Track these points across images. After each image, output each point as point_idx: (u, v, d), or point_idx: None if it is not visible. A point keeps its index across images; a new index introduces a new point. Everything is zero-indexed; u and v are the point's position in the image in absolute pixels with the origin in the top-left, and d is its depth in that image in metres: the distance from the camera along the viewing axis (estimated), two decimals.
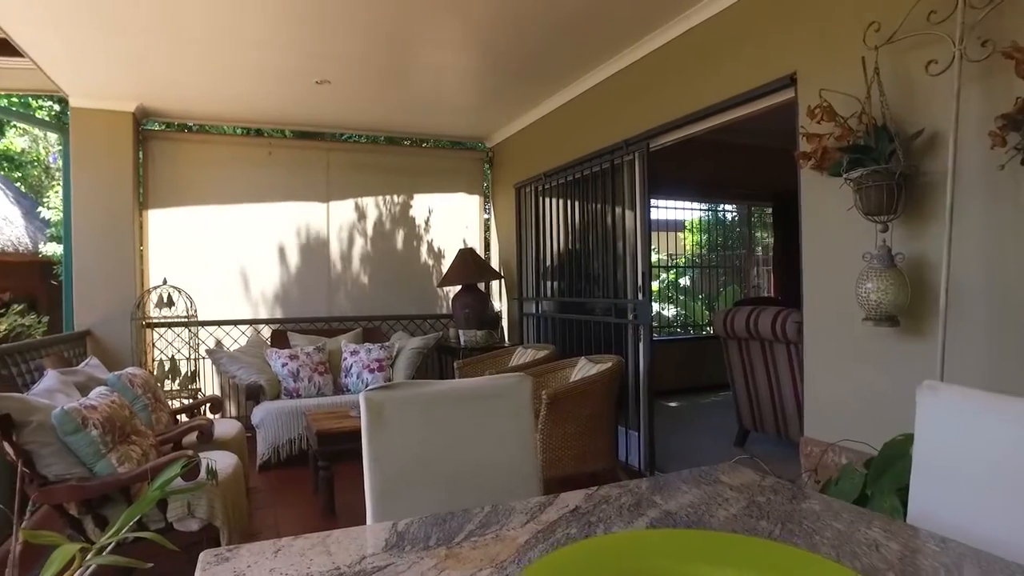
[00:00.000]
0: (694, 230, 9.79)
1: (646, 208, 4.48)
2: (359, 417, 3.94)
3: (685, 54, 3.95)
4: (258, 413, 4.82)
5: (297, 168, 6.28)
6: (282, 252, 6.22)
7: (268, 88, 5.08)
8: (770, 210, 8.90)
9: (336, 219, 6.41)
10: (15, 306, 5.59)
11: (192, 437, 3.57)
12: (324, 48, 4.28)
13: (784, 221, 8.38)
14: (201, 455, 3.27)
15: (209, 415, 4.62)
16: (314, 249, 6.32)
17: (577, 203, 5.38)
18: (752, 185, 8.33)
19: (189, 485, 2.68)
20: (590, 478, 3.81)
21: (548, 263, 5.93)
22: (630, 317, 4.66)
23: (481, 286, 6.40)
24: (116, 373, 3.69)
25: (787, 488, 1.44)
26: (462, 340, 5.89)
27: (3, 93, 7.46)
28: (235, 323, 5.95)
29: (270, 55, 4.39)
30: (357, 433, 3.86)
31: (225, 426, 3.95)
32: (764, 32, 3.32)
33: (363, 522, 3.75)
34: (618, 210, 4.85)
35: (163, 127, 6.00)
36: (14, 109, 8.42)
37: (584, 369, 4.17)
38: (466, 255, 6.21)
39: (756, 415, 4.91)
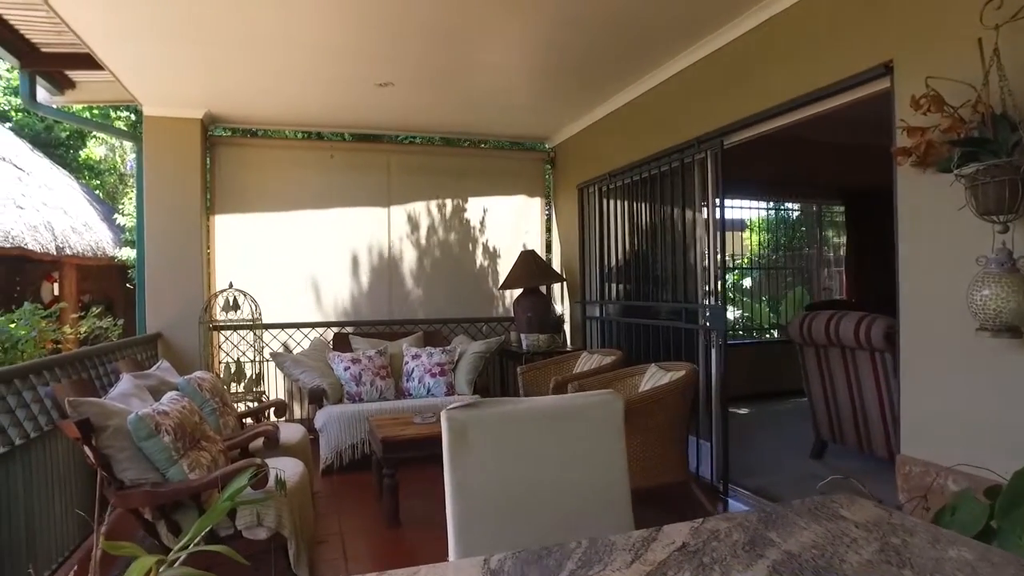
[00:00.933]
0: (756, 230, 9.43)
1: (719, 208, 4.28)
2: (423, 424, 3.89)
3: (763, 46, 3.74)
4: (321, 417, 4.82)
5: (358, 171, 6.30)
6: (344, 255, 6.25)
7: (331, 92, 5.09)
8: (840, 209, 8.48)
9: (397, 221, 6.40)
10: (94, 308, 5.75)
11: (259, 443, 3.58)
12: (387, 50, 4.24)
13: (859, 220, 7.97)
14: (268, 461, 3.26)
15: (273, 418, 4.65)
16: (375, 252, 6.33)
17: (644, 203, 5.20)
18: (821, 183, 7.95)
19: (258, 496, 2.65)
20: (661, 491, 3.64)
21: (612, 265, 5.77)
22: (701, 322, 4.46)
23: (543, 289, 6.28)
24: (186, 377, 3.74)
25: (924, 529, 1.27)
26: (524, 344, 5.78)
27: (86, 105, 7.75)
28: (297, 326, 6.00)
29: (333, 59, 4.38)
30: (422, 440, 3.82)
31: (290, 431, 3.95)
32: (854, 18, 3.09)
33: (427, 530, 3.62)
34: (688, 210, 4.66)
35: (229, 133, 6.10)
36: (95, 119, 8.77)
37: (655, 377, 4.00)
38: (528, 257, 6.10)
39: (835, 426, 4.64)
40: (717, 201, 4.32)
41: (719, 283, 4.30)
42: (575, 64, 4.58)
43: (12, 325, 4.41)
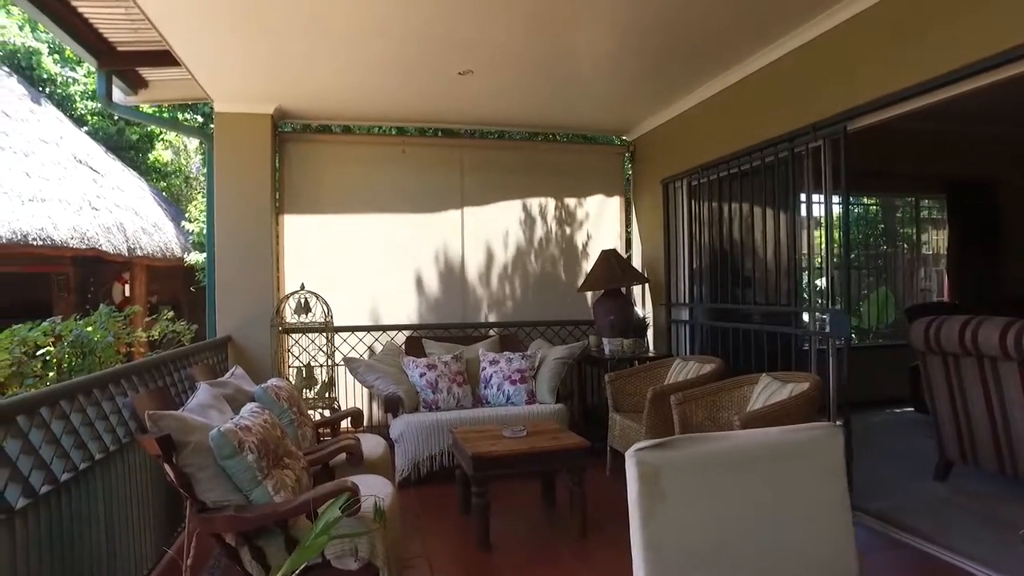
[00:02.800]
0: (831, 226, 8.77)
1: (840, 202, 3.85)
2: (514, 437, 3.56)
3: (898, 15, 3.29)
4: (397, 426, 4.57)
5: (430, 167, 6.04)
6: (414, 254, 6.00)
7: (407, 82, 4.84)
8: (939, 202, 7.81)
9: (470, 219, 6.12)
10: (165, 311, 5.65)
11: (340, 457, 3.32)
12: (469, 34, 3.96)
13: (965, 215, 7.31)
14: (354, 480, 3.00)
15: (345, 424, 4.41)
16: (447, 250, 6.06)
17: (740, 198, 4.78)
18: (920, 174, 7.32)
19: (357, 529, 2.38)
20: None
21: (702, 266, 5.35)
22: (812, 326, 4.03)
23: (622, 291, 5.90)
24: (262, 386, 3.52)
25: None
26: (606, 349, 5.42)
27: (158, 104, 7.75)
28: (369, 329, 5.78)
29: (411, 46, 4.13)
30: (516, 458, 3.50)
31: (370, 444, 3.69)
32: None
33: (521, 556, 3.18)
34: (796, 205, 4.23)
35: (298, 129, 5.93)
36: (166, 116, 8.82)
37: (769, 388, 3.59)
38: (609, 257, 5.73)
39: (966, 445, 4.13)
40: (834, 194, 3.89)
41: (842, 286, 3.86)
42: (669, 46, 4.21)
43: (89, 328, 4.28)
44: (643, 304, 6.32)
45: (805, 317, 4.48)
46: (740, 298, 5.00)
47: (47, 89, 10.74)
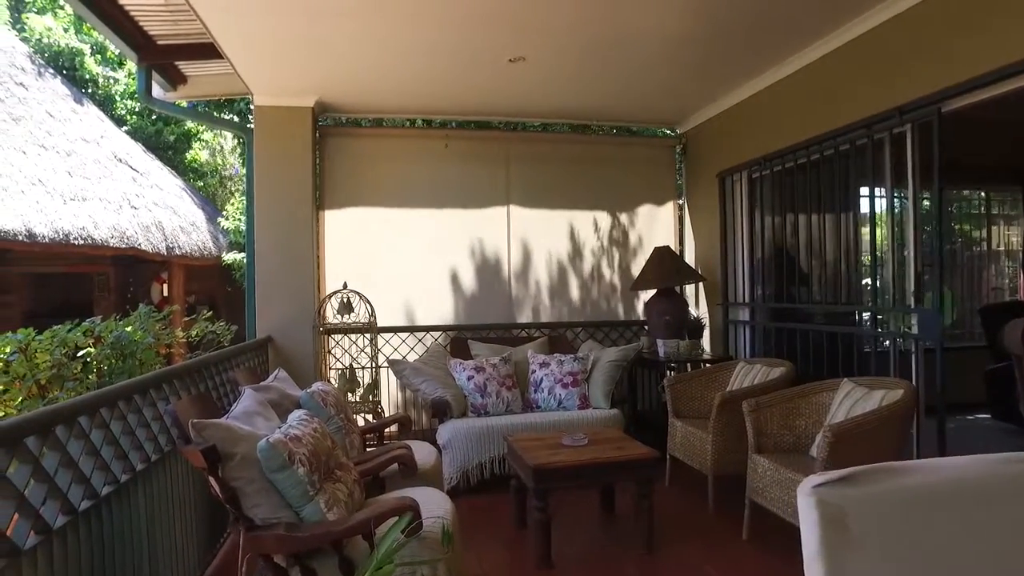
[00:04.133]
0: (919, 220, 8.30)
1: (930, 192, 3.52)
2: (575, 446, 3.31)
3: None
4: (445, 432, 4.35)
5: (475, 161, 5.81)
6: (459, 252, 5.77)
7: (455, 71, 4.61)
8: (1011, 196, 7.33)
9: (516, 215, 5.87)
10: (204, 311, 5.52)
11: (392, 467, 3.11)
12: (523, 18, 3.72)
13: None
14: (408, 493, 2.79)
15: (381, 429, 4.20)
16: (492, 248, 5.82)
17: (807, 190, 4.45)
18: (992, 167, 6.88)
19: (420, 553, 2.16)
20: None
21: (763, 263, 5.04)
22: (896, 328, 3.71)
23: (677, 289, 5.61)
24: (308, 391, 3.32)
25: None
26: (661, 351, 5.13)
27: (197, 100, 7.66)
28: (411, 330, 5.58)
29: (463, 30, 3.90)
30: (578, 468, 3.25)
31: (421, 452, 3.46)
32: None
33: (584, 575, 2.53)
34: (875, 197, 3.91)
35: (339, 123, 5.75)
36: (204, 111, 8.76)
37: (852, 396, 3.28)
38: (663, 254, 5.45)
39: None
40: (923, 183, 3.55)
41: (934, 285, 3.53)
42: (734, 28, 3.92)
43: (129, 328, 4.15)
44: (696, 304, 6.00)
45: (862, 317, 4.15)
46: (805, 297, 4.68)
47: (89, 89, 10.81)
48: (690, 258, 6.09)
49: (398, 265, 5.64)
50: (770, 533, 3.43)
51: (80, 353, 3.91)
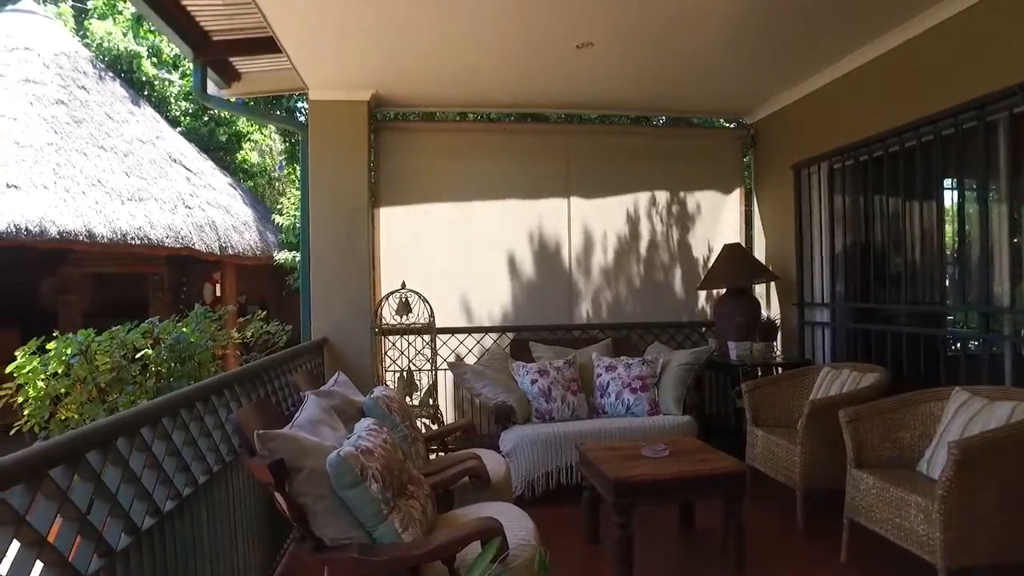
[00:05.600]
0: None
1: None
2: (656, 457, 3.04)
3: None
4: (509, 440, 4.15)
5: (534, 156, 5.58)
6: (518, 250, 5.54)
7: (516, 60, 4.41)
8: None
9: (577, 212, 5.62)
10: (258, 311, 5.44)
11: (464, 480, 2.91)
12: (593, 0, 3.48)
13: None
14: (483, 510, 2.59)
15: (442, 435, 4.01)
16: (552, 247, 5.59)
17: (900, 180, 4.10)
18: None
19: None
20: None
21: (845, 260, 4.69)
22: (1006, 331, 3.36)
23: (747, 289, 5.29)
24: (371, 396, 3.13)
25: None
26: (732, 354, 4.84)
27: (250, 97, 7.62)
28: (469, 331, 5.38)
29: (527, 17, 3.69)
30: (663, 483, 2.99)
31: (490, 462, 3.24)
32: None
33: None
34: (987, 187, 3.54)
35: (394, 117, 5.60)
36: (257, 106, 8.70)
37: (968, 407, 2.94)
38: (734, 252, 5.15)
39: None
40: None
41: None
42: (812, 7, 3.59)
43: (185, 329, 4.06)
44: (767, 303, 5.66)
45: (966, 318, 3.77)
46: (893, 297, 4.33)
47: (145, 92, 10.98)
48: (759, 255, 5.75)
49: (453, 263, 5.46)
50: (871, 555, 3.14)
51: (138, 355, 3.84)
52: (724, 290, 5.24)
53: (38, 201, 6.59)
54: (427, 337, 5.03)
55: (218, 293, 10.10)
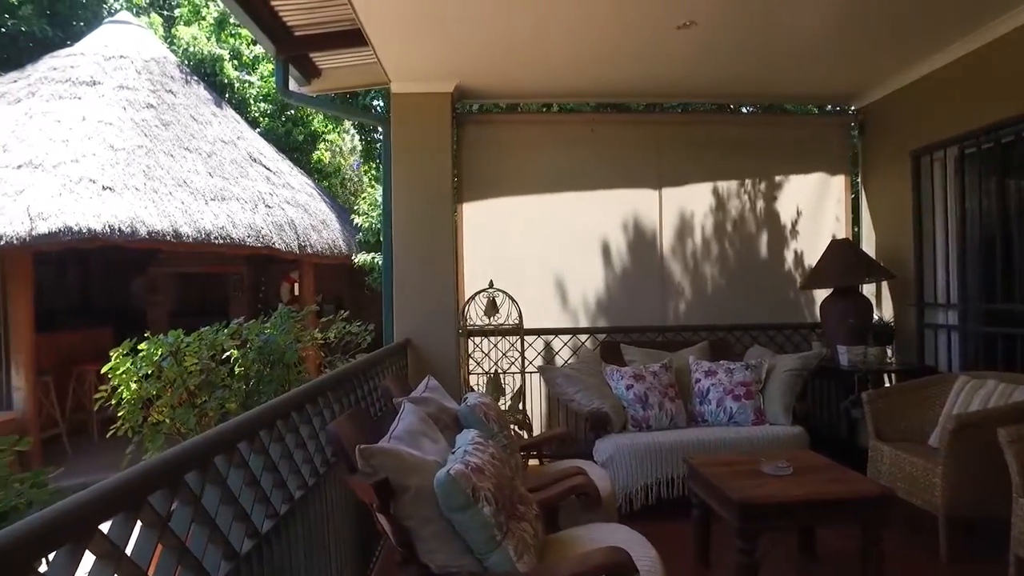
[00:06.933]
0: None
1: None
2: (779, 474, 2.64)
3: None
4: (605, 449, 3.89)
5: (624, 148, 5.29)
6: (607, 248, 5.26)
7: (609, 45, 4.13)
8: None
9: (669, 207, 5.29)
10: (340, 312, 5.35)
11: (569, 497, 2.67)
12: None
13: None
14: (591, 529, 2.35)
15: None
16: (644, 244, 5.27)
17: None
18: None
19: None
20: None
21: (981, 255, 4.20)
22: None
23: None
24: (466, 404, 2.93)
25: None
26: (843, 360, 4.42)
27: (330, 93, 7.62)
28: (557, 332, 5.14)
29: None
30: (795, 506, 2.60)
31: (594, 476, 2.99)
32: None
33: None
34: None
35: (477, 109, 5.41)
36: (338, 101, 8.72)
37: None
38: (842, 248, 4.74)
39: None
40: None
41: None
42: None
43: (269, 330, 3.98)
44: (878, 304, 5.18)
45: None
46: None
47: (227, 94, 11.26)
48: (867, 250, 5.26)
49: (538, 262, 5.22)
50: None
51: (225, 356, 3.78)
52: (831, 290, 4.81)
53: (130, 202, 6.75)
54: (513, 339, 4.81)
55: (296, 292, 10.22)
